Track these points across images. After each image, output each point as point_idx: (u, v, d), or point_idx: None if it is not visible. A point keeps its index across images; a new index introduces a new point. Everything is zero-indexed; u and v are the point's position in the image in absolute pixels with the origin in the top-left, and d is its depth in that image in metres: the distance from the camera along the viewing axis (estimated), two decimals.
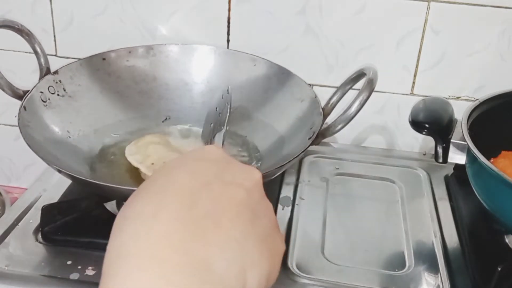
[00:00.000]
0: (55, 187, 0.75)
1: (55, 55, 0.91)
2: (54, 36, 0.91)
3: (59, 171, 0.62)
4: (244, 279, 0.30)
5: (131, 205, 0.31)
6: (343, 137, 0.89)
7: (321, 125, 0.68)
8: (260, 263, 0.32)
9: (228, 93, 0.68)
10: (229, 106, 0.65)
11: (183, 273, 0.28)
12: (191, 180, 0.32)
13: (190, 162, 0.35)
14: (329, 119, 0.70)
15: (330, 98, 0.73)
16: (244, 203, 0.32)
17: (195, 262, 0.29)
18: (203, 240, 0.29)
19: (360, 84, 0.68)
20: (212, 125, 0.72)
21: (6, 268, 0.61)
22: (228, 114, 0.63)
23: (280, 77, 0.79)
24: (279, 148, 0.74)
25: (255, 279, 0.31)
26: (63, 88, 0.76)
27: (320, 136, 0.68)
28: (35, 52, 0.76)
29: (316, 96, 0.73)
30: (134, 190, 0.32)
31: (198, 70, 0.83)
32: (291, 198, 0.74)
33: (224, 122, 0.62)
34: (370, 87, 0.65)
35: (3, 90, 0.72)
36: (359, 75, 0.70)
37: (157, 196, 0.31)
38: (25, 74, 0.87)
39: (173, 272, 0.28)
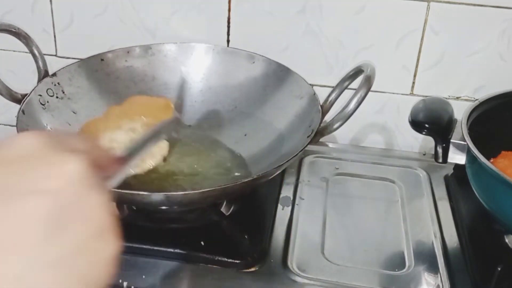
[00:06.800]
0: None
1: (55, 55, 0.91)
2: (54, 36, 0.91)
3: None
4: None
5: None
6: (343, 137, 0.89)
7: (320, 123, 0.68)
8: None
9: None
10: None
11: None
12: None
13: None
14: (328, 118, 0.69)
15: (329, 96, 0.72)
16: (44, 216, 0.26)
17: None
18: None
19: (358, 82, 0.68)
20: None
21: None
22: None
23: (279, 74, 0.79)
24: (278, 146, 0.74)
25: None
26: (62, 90, 0.76)
27: (319, 134, 0.67)
28: (33, 55, 0.76)
29: (314, 93, 0.73)
30: (131, 193, 0.29)
31: (196, 69, 0.83)
32: (291, 198, 0.74)
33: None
34: (368, 84, 0.65)
35: (1, 94, 0.71)
36: (357, 72, 0.70)
37: None
38: (25, 74, 0.87)
39: None
